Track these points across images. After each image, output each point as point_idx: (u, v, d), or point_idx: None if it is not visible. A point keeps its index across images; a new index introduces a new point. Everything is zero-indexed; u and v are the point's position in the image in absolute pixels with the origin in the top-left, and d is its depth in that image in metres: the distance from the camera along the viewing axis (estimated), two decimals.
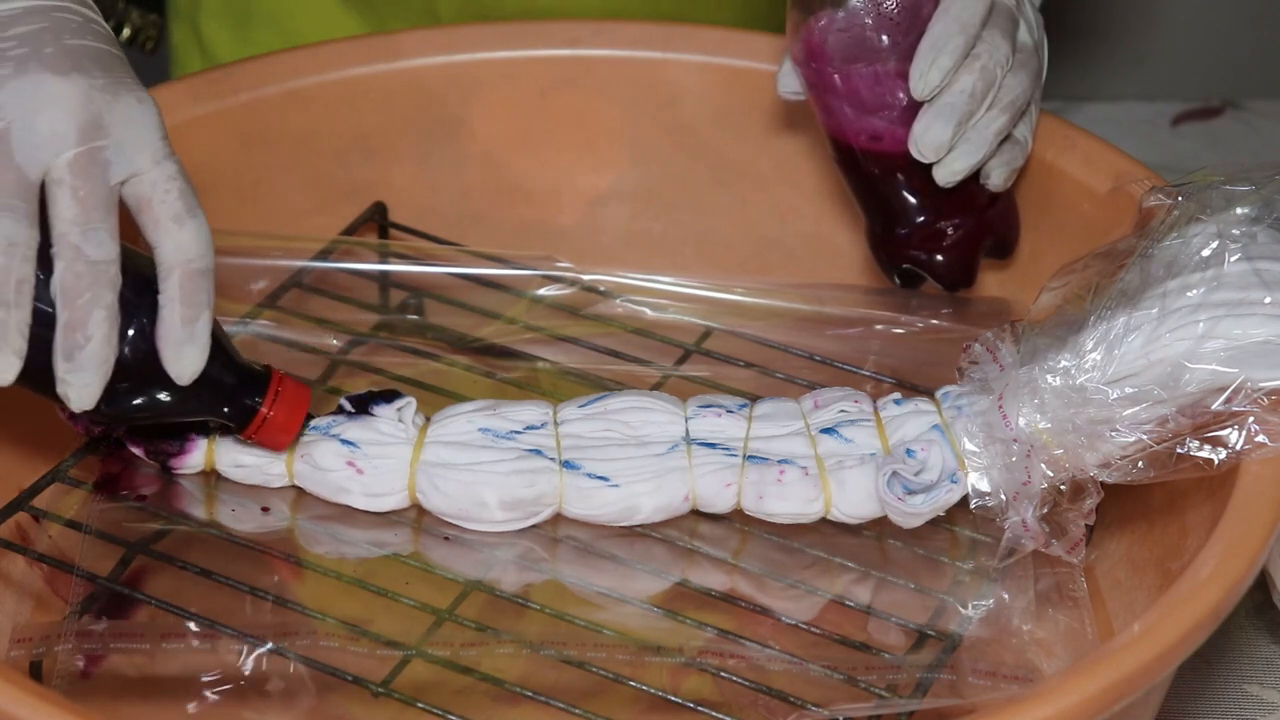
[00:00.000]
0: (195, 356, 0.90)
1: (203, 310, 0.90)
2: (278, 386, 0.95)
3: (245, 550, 0.98)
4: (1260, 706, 1.10)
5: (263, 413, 0.95)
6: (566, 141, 1.21)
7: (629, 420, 1.01)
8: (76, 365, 0.88)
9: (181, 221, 0.90)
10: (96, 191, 0.89)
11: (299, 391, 0.96)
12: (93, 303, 0.88)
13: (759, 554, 1.00)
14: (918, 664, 0.93)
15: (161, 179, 0.90)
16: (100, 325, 0.88)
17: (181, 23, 1.39)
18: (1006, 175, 1.07)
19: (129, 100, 0.91)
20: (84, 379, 0.88)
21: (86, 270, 0.88)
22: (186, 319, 0.90)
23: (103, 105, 0.90)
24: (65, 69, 0.90)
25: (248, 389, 0.94)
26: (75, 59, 0.90)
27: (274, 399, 0.95)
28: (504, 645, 0.94)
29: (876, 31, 1.04)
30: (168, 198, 0.90)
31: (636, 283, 1.13)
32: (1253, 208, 0.97)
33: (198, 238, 0.91)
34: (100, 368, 0.88)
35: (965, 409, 0.99)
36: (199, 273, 0.90)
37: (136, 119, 0.91)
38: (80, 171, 0.88)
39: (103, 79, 0.90)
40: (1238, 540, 0.90)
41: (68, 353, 0.88)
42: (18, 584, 1.01)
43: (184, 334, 0.90)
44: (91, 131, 0.89)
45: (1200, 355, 0.93)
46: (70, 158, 0.88)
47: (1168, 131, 1.76)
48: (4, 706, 0.82)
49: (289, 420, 0.95)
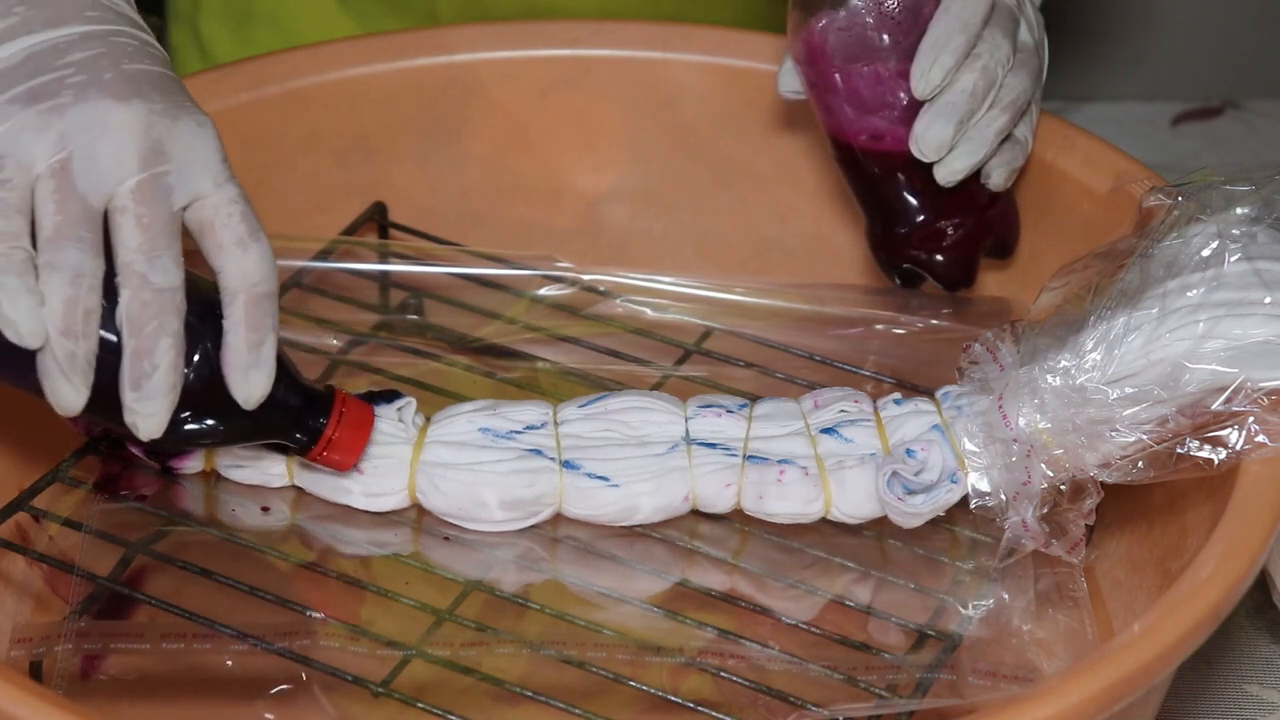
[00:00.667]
0: (261, 381, 0.90)
1: (268, 334, 0.90)
2: (341, 407, 0.94)
3: (245, 550, 0.98)
4: (1260, 706, 1.10)
5: (328, 434, 0.94)
6: (566, 141, 1.21)
7: (629, 420, 1.01)
8: (144, 394, 0.87)
9: (245, 246, 0.90)
10: (160, 218, 0.88)
11: (362, 411, 0.95)
12: (159, 330, 0.87)
13: (759, 554, 1.00)
14: (918, 664, 0.93)
15: (224, 203, 0.90)
16: (167, 353, 0.87)
17: (181, 23, 1.39)
18: (1007, 175, 1.07)
19: (189, 124, 0.90)
20: (152, 407, 0.88)
21: (153, 298, 0.87)
22: (252, 344, 0.89)
23: (163, 130, 0.89)
24: (125, 95, 0.89)
25: (312, 410, 0.94)
26: (135, 84, 0.90)
27: (338, 420, 0.94)
28: (504, 645, 0.94)
29: (878, 31, 1.04)
30: (230, 221, 0.90)
31: (636, 283, 1.13)
32: (1253, 208, 0.97)
33: (261, 261, 0.90)
34: (168, 396, 0.88)
35: (965, 409, 0.99)
36: (263, 296, 0.90)
37: (197, 143, 0.90)
38: (144, 199, 0.88)
39: (162, 104, 0.90)
40: (1238, 540, 0.90)
41: (135, 382, 0.87)
42: (18, 584, 1.01)
43: (250, 359, 0.89)
44: (153, 158, 0.88)
45: (1200, 355, 0.93)
46: (133, 185, 0.88)
47: (1168, 131, 1.76)
48: (4, 706, 0.82)
49: (354, 441, 0.95)
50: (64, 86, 0.89)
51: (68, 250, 0.86)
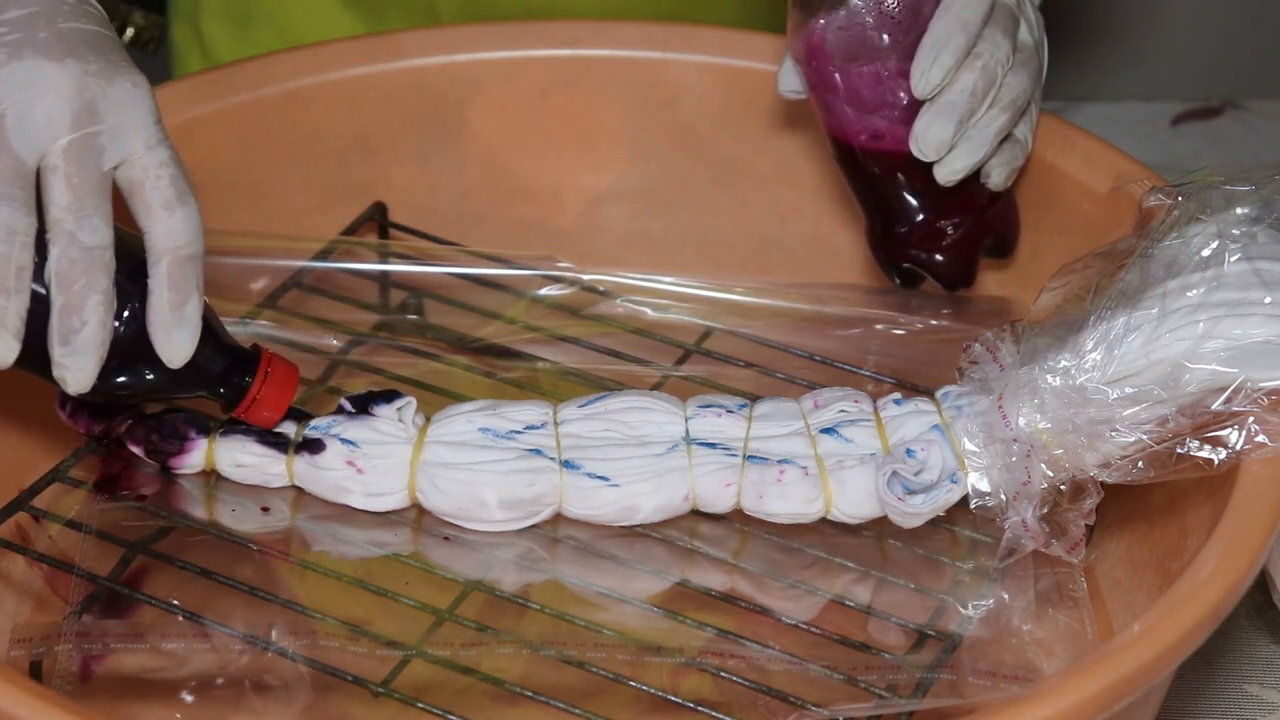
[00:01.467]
0: (185, 341, 0.92)
1: (191, 295, 0.92)
2: (267, 366, 0.97)
3: (245, 550, 0.98)
4: (1260, 706, 1.10)
5: (253, 393, 0.97)
6: (566, 141, 1.21)
7: (629, 420, 1.01)
8: (72, 349, 0.89)
9: (171, 208, 0.91)
10: (90, 178, 0.89)
11: (288, 371, 0.98)
12: (87, 288, 0.89)
13: (759, 554, 1.00)
14: (918, 664, 0.93)
15: (154, 164, 0.91)
16: (95, 310, 0.89)
17: (182, 23, 1.39)
18: (1007, 174, 1.07)
19: (124, 84, 0.91)
20: (80, 363, 0.90)
21: (81, 256, 0.89)
22: (175, 304, 0.91)
23: (97, 90, 0.90)
24: (59, 54, 0.90)
25: (238, 369, 0.96)
26: (69, 44, 0.91)
27: (263, 379, 0.97)
28: (504, 645, 0.94)
29: (878, 30, 1.04)
30: (159, 184, 0.91)
31: (636, 283, 1.13)
32: (1253, 208, 0.97)
33: (186, 224, 0.92)
34: (96, 351, 0.90)
35: (965, 409, 0.99)
36: (187, 259, 0.91)
37: (130, 103, 0.91)
38: (74, 158, 0.89)
39: (97, 63, 0.91)
40: (1238, 540, 0.90)
41: (64, 337, 0.89)
42: (18, 584, 1.01)
43: (173, 319, 0.91)
44: (86, 117, 0.90)
45: (1200, 355, 0.93)
46: (65, 144, 0.89)
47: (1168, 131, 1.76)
48: (4, 706, 0.82)
49: (278, 399, 0.97)
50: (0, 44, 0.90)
51: (1, 208, 0.87)
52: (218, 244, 1.11)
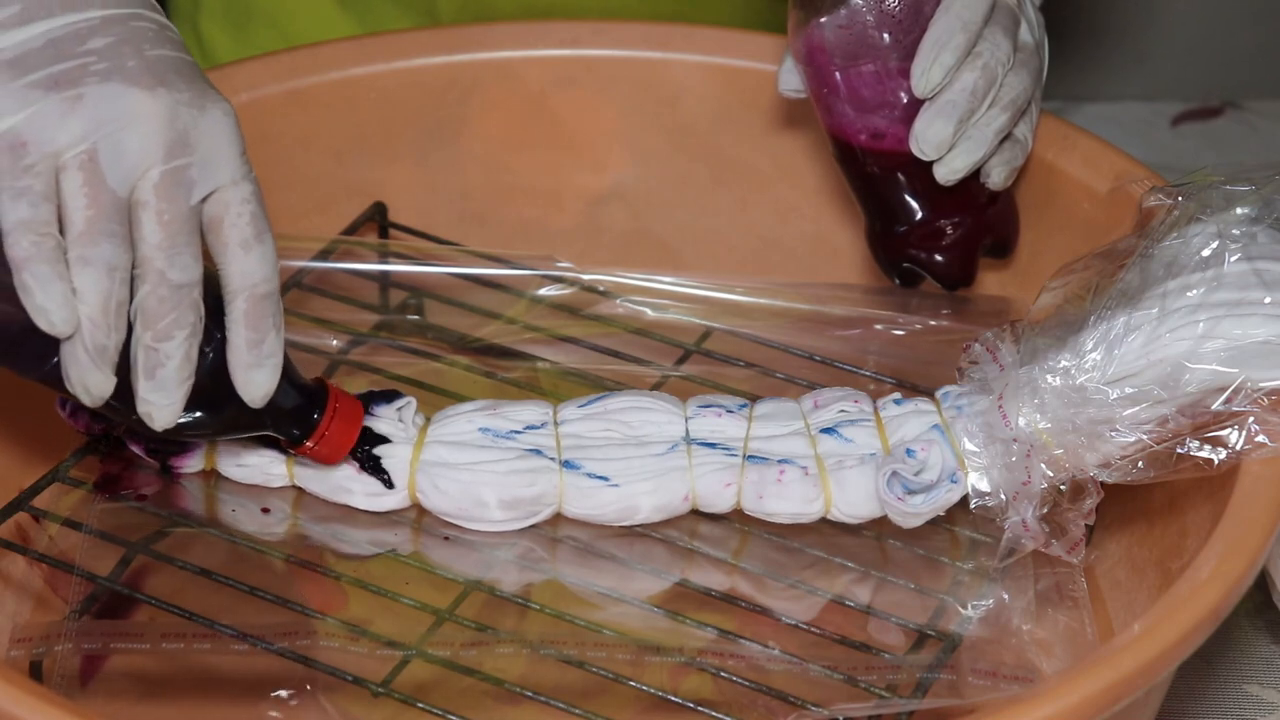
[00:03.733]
0: (265, 380, 0.91)
1: (268, 333, 0.90)
2: (335, 403, 0.96)
3: (245, 550, 0.98)
4: (1260, 706, 1.10)
5: (321, 429, 0.96)
6: (566, 141, 1.21)
7: (629, 420, 1.01)
8: (157, 385, 0.88)
9: (249, 247, 0.90)
10: (180, 214, 0.88)
11: (354, 407, 0.97)
12: (174, 325, 0.87)
13: (759, 554, 1.00)
14: (918, 664, 0.93)
15: (235, 200, 0.90)
16: (181, 346, 0.88)
17: (181, 23, 1.39)
18: (1007, 174, 1.07)
19: (215, 114, 0.90)
20: (165, 399, 0.88)
21: (169, 294, 0.87)
22: (253, 343, 0.90)
23: (189, 121, 0.89)
24: (150, 84, 0.88)
25: (308, 406, 0.95)
26: (158, 72, 0.89)
27: (332, 415, 0.96)
28: (504, 645, 0.94)
29: (878, 29, 1.04)
30: (239, 221, 0.90)
31: (636, 283, 1.13)
32: (1253, 208, 0.97)
33: (263, 263, 0.90)
34: (180, 387, 0.88)
35: (965, 409, 0.99)
36: (263, 297, 0.90)
37: (221, 134, 0.90)
38: (165, 194, 0.88)
39: (188, 91, 0.89)
40: (1238, 540, 0.90)
41: (149, 372, 0.88)
42: (18, 584, 1.01)
43: (250, 358, 0.90)
44: (177, 149, 0.88)
45: (1200, 355, 0.93)
46: (156, 177, 0.87)
47: (1168, 131, 1.76)
48: (4, 706, 0.82)
49: (345, 436, 0.96)
50: (87, 74, 0.88)
51: (102, 244, 0.86)
52: None
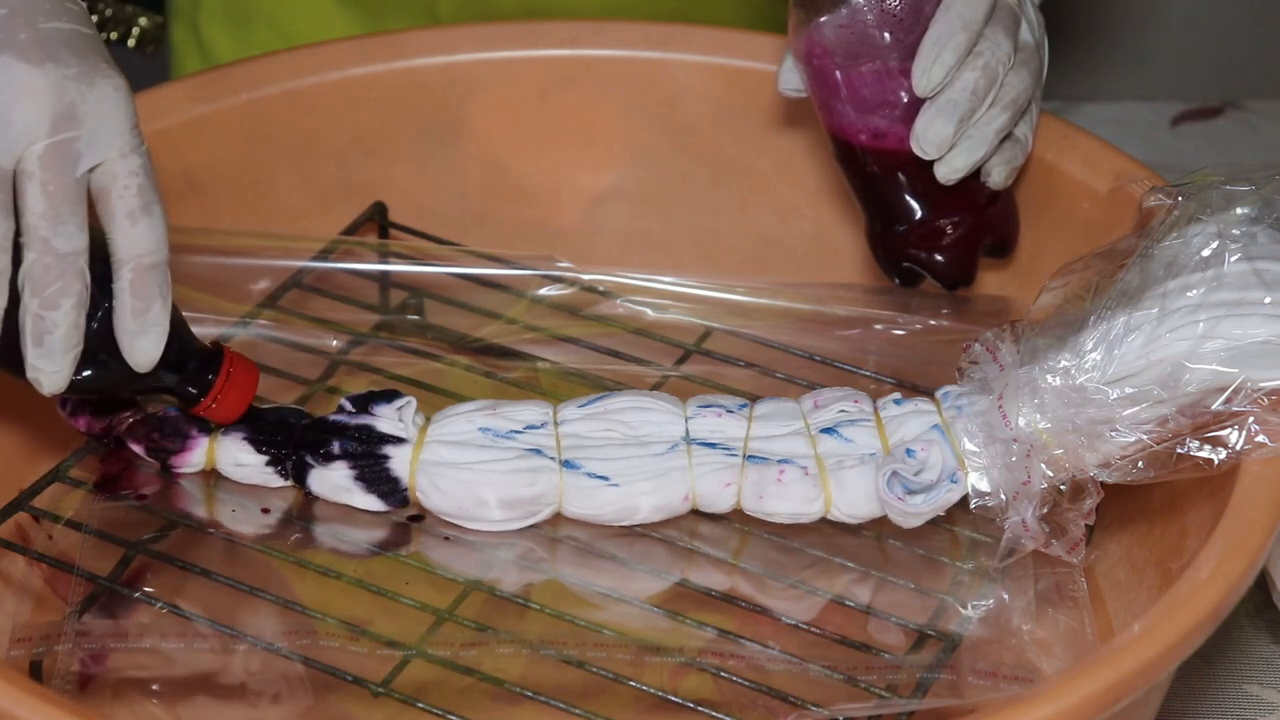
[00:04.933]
0: (149, 346, 0.93)
1: (154, 301, 0.92)
2: (229, 366, 0.98)
3: (245, 550, 0.98)
4: (1260, 706, 1.10)
5: (215, 391, 0.98)
6: (566, 141, 1.21)
7: (629, 420, 1.01)
8: (45, 351, 0.90)
9: (135, 218, 0.92)
10: (65, 185, 0.90)
11: (249, 370, 0.99)
12: (60, 293, 0.90)
13: (759, 554, 1.00)
14: (918, 664, 0.93)
15: (123, 172, 0.92)
16: (68, 314, 0.90)
17: (181, 23, 1.39)
18: (1007, 174, 1.07)
19: (105, 88, 0.91)
20: (53, 365, 0.91)
21: (55, 262, 0.90)
22: (138, 311, 0.92)
23: (76, 95, 0.91)
24: (39, 57, 0.90)
25: (201, 369, 0.97)
26: (48, 46, 0.91)
27: (225, 378, 0.98)
28: (504, 645, 0.94)
29: (879, 29, 1.04)
30: (126, 193, 0.91)
31: (636, 283, 1.13)
32: (1253, 208, 0.97)
33: (150, 234, 0.92)
34: (68, 354, 0.91)
35: (965, 409, 0.99)
36: (150, 267, 0.92)
37: (109, 108, 0.91)
38: (49, 165, 0.90)
39: (77, 66, 0.91)
40: (1238, 540, 0.90)
41: (37, 339, 0.90)
42: (18, 584, 1.01)
43: (136, 325, 0.92)
44: (63, 123, 0.90)
45: (1200, 355, 0.93)
46: (40, 150, 0.90)
47: (1168, 131, 1.76)
48: (4, 706, 0.82)
49: (239, 398, 0.98)
50: None
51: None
52: (218, 244, 1.11)
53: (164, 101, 1.15)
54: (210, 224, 1.14)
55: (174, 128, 1.14)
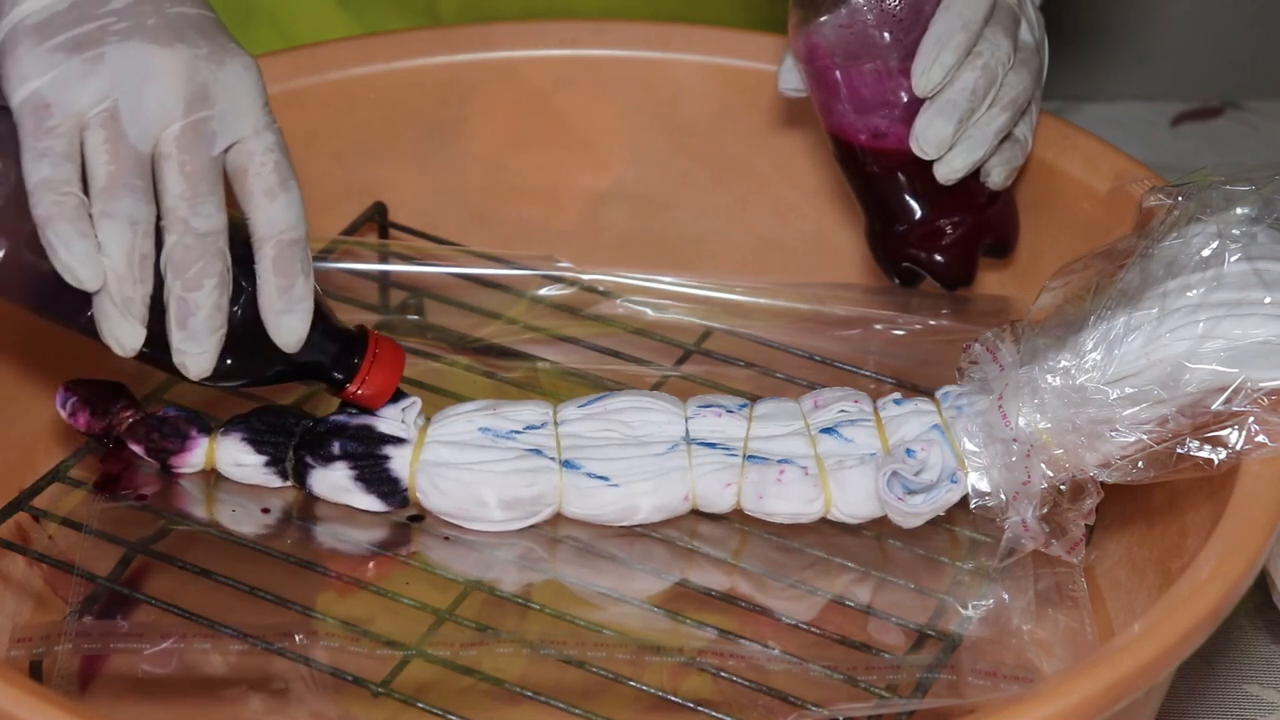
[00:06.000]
0: (296, 324, 0.93)
1: (297, 278, 0.92)
2: (375, 348, 0.98)
3: (245, 550, 0.98)
4: (1260, 706, 1.10)
5: (363, 373, 0.97)
6: (566, 141, 1.21)
7: (629, 420, 1.01)
8: (190, 334, 0.91)
9: (274, 195, 0.92)
10: (202, 164, 0.91)
11: (395, 351, 0.99)
12: (202, 273, 0.90)
13: (759, 554, 0.99)
14: (918, 664, 0.93)
15: (259, 150, 0.92)
16: (210, 295, 0.90)
17: None
18: (1007, 174, 1.07)
19: (235, 67, 0.93)
20: (198, 347, 0.91)
21: (196, 243, 0.90)
22: (282, 288, 0.92)
23: (208, 75, 0.91)
24: (168, 40, 0.91)
25: (347, 351, 0.97)
26: (177, 29, 0.92)
27: (372, 359, 0.98)
28: (504, 645, 0.94)
29: (879, 28, 1.04)
30: (263, 170, 0.92)
31: (636, 283, 1.13)
32: (1253, 208, 0.97)
33: (288, 209, 0.93)
34: (212, 335, 0.91)
35: (965, 409, 0.99)
36: (290, 243, 0.92)
37: (240, 87, 0.92)
38: (186, 145, 0.90)
39: (207, 47, 0.92)
40: (1238, 540, 0.90)
41: (181, 321, 0.90)
42: (18, 584, 1.01)
43: (282, 304, 0.92)
44: (197, 103, 0.91)
45: (1200, 355, 0.93)
46: (177, 130, 0.90)
47: (1168, 131, 1.76)
48: (4, 706, 0.82)
49: (386, 380, 0.98)
50: (108, 34, 0.91)
51: (123, 198, 0.89)
52: None
53: None
54: None
55: None
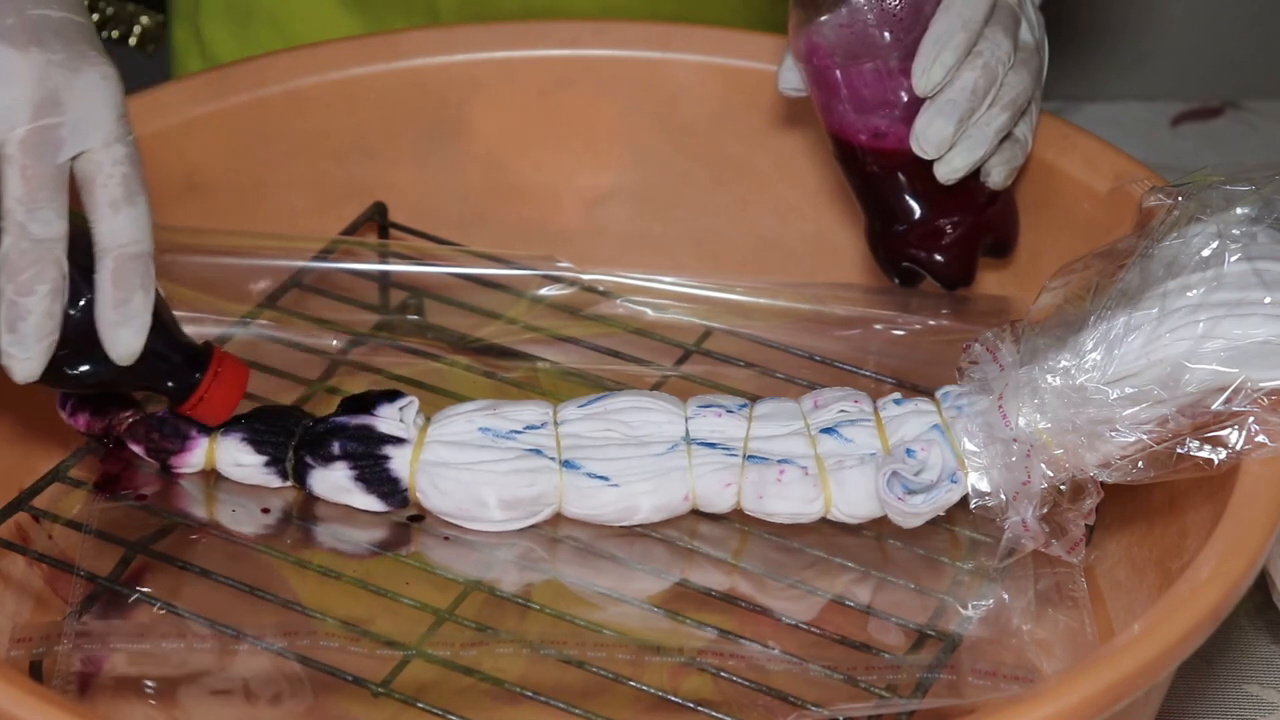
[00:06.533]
0: (129, 338, 0.92)
1: (134, 293, 0.91)
2: (217, 366, 0.97)
3: (245, 550, 0.98)
4: (1260, 706, 1.10)
5: (200, 391, 0.97)
6: (566, 141, 1.21)
7: (629, 420, 1.01)
8: (18, 338, 0.90)
9: (118, 208, 0.91)
10: (45, 170, 0.89)
11: (237, 371, 0.98)
12: (35, 279, 0.89)
13: (759, 554, 1.00)
14: (918, 664, 0.93)
15: (107, 161, 0.91)
16: (42, 301, 0.89)
17: (182, 23, 1.39)
18: (1007, 173, 1.07)
19: (91, 76, 0.91)
20: (24, 352, 0.90)
21: (31, 248, 0.89)
22: (118, 301, 0.91)
23: (60, 81, 0.90)
24: (23, 43, 0.90)
25: (189, 366, 0.96)
26: (35, 32, 0.91)
27: (213, 377, 0.97)
28: (504, 645, 0.94)
29: (879, 28, 1.04)
30: (109, 182, 0.91)
31: (637, 283, 1.13)
32: (1253, 208, 0.97)
33: (132, 223, 0.91)
34: (40, 342, 0.90)
35: (965, 409, 0.99)
36: (131, 257, 0.91)
37: (94, 96, 0.91)
38: (29, 150, 0.89)
39: (63, 53, 0.91)
40: (1238, 540, 0.90)
41: (10, 324, 0.90)
42: (18, 584, 1.01)
43: (117, 316, 0.91)
44: (46, 108, 0.90)
45: (1200, 355, 0.93)
46: (21, 135, 0.89)
47: (1168, 131, 1.76)
48: (4, 706, 0.82)
49: (225, 400, 0.97)
50: None
51: None
52: (218, 244, 1.11)
53: (164, 101, 1.15)
54: (210, 224, 1.14)
55: (174, 128, 1.14)
